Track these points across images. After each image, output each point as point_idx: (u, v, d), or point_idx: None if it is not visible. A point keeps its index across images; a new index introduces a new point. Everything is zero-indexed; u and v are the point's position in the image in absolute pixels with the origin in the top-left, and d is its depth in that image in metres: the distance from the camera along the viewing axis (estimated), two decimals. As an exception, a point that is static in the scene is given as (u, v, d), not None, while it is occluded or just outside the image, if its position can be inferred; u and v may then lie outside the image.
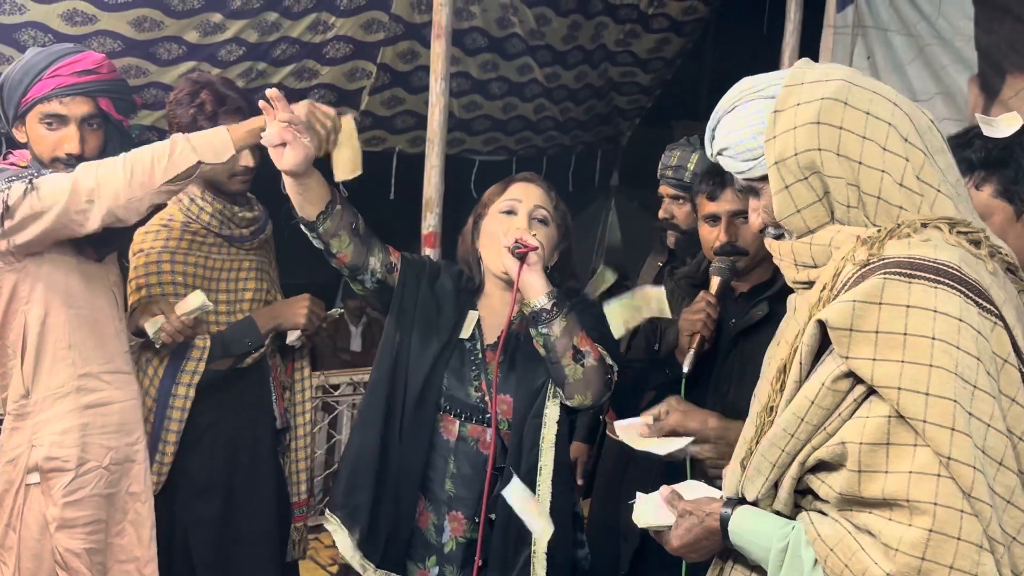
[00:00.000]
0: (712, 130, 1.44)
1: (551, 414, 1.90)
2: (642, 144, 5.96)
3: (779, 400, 1.30)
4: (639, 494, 1.48)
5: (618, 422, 1.75)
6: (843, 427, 1.20)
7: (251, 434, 2.45)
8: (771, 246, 1.42)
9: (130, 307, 2.32)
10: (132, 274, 2.35)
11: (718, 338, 2.01)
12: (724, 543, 1.35)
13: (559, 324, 1.83)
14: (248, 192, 2.44)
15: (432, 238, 3.13)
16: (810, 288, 1.34)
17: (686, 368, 1.93)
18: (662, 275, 2.89)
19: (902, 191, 1.27)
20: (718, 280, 2.02)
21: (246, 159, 2.28)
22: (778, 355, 1.35)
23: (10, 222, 1.96)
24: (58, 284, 2.09)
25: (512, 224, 1.92)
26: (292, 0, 4.23)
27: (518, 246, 1.84)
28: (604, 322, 1.92)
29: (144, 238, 2.35)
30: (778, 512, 1.30)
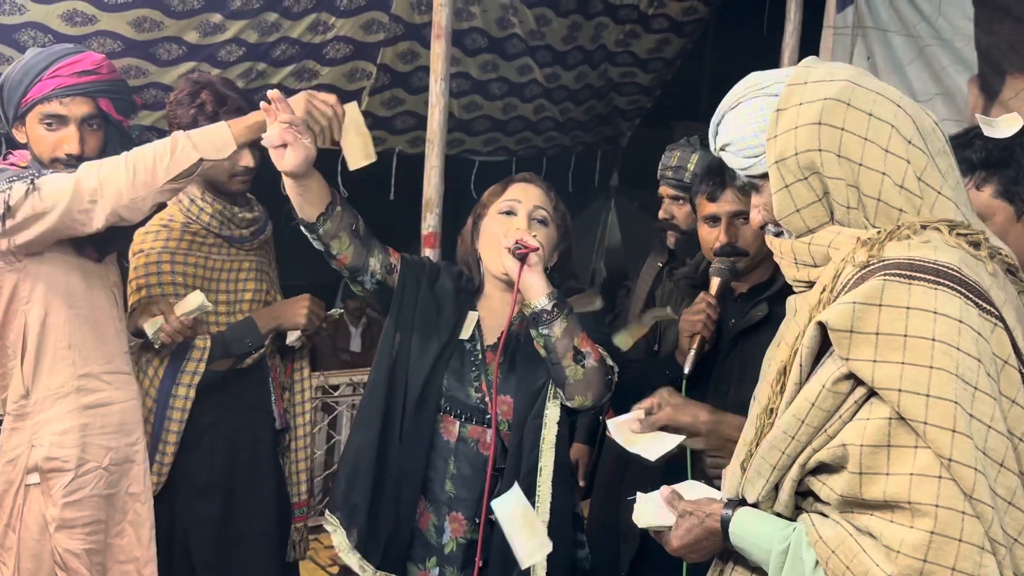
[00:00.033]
0: (716, 125, 1.43)
1: (551, 415, 1.90)
2: (642, 144, 5.95)
3: (779, 402, 1.30)
4: (639, 494, 1.48)
5: (611, 420, 1.75)
6: (844, 429, 1.20)
7: (251, 434, 2.45)
8: (772, 243, 1.42)
9: (130, 307, 2.32)
10: (132, 274, 2.35)
11: (718, 339, 2.01)
12: (725, 544, 1.35)
13: (560, 325, 1.83)
14: (248, 193, 2.44)
15: (432, 238, 3.13)
16: (810, 288, 1.34)
17: (687, 369, 1.93)
18: (662, 276, 2.89)
19: (903, 193, 1.27)
20: (718, 281, 2.01)
21: (246, 159, 2.28)
22: (778, 357, 1.34)
23: (12, 221, 1.96)
24: (58, 284, 2.09)
25: (511, 225, 1.92)
26: (292, 1, 4.22)
27: (519, 247, 1.83)
28: (603, 322, 1.91)
29: (144, 238, 2.35)
30: (779, 514, 1.30)
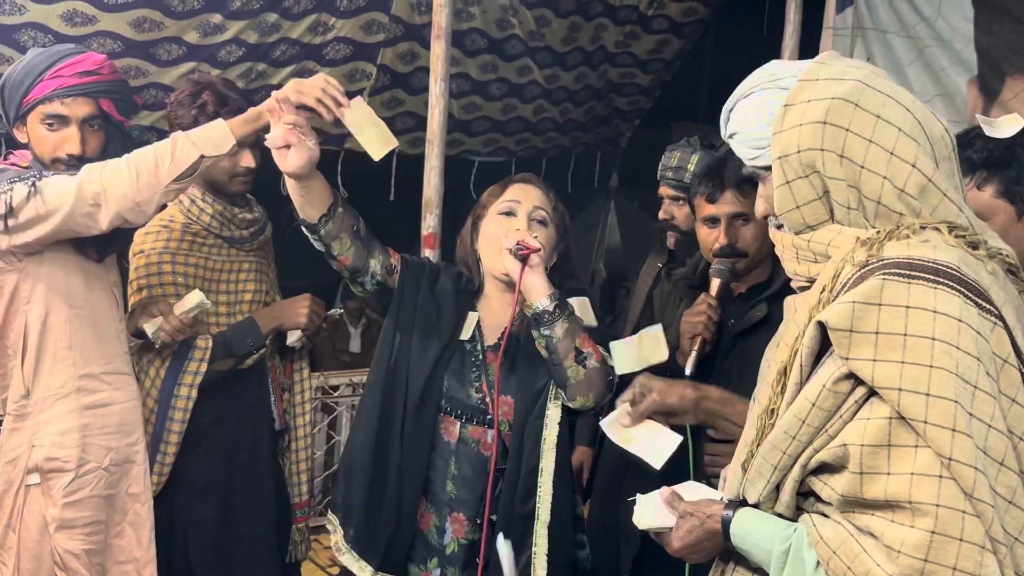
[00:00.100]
0: (728, 112, 1.43)
1: (552, 415, 1.90)
2: (642, 145, 5.95)
3: (780, 402, 1.29)
4: (639, 495, 1.48)
5: (602, 421, 1.74)
6: (844, 429, 1.20)
7: (251, 435, 2.45)
8: (775, 236, 1.42)
9: (130, 308, 2.32)
10: (132, 275, 2.35)
11: (718, 339, 2.01)
12: (726, 545, 1.35)
13: (561, 325, 1.83)
14: (248, 194, 2.44)
15: (432, 239, 3.13)
16: (810, 284, 1.34)
17: (688, 370, 1.93)
18: (661, 276, 2.89)
19: (903, 198, 1.26)
20: (718, 282, 2.01)
21: (247, 160, 2.28)
22: (778, 357, 1.34)
23: (13, 222, 1.96)
24: (59, 284, 2.09)
25: (511, 225, 1.92)
26: (292, 1, 4.22)
27: (520, 248, 1.83)
28: (604, 323, 1.91)
29: (144, 239, 2.35)
30: (780, 514, 1.30)
